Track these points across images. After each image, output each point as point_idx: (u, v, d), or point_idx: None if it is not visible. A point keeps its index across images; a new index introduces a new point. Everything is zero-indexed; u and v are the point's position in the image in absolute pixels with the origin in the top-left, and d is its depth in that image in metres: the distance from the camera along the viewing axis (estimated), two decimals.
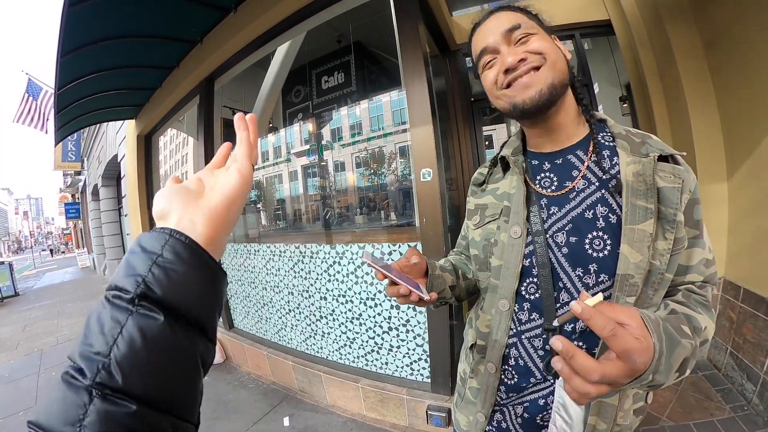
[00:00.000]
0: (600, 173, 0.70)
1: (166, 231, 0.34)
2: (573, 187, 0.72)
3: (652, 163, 0.65)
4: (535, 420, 0.75)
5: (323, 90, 4.27)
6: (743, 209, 2.34)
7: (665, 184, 0.64)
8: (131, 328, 0.29)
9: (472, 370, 0.84)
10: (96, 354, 0.28)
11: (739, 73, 2.22)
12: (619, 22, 3.14)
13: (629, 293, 0.63)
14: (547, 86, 0.66)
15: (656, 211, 0.63)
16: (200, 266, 0.34)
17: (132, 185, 5.58)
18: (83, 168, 12.87)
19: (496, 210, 0.80)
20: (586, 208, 0.70)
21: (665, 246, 0.63)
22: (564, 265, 0.70)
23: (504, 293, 0.76)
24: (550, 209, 0.73)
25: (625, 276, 0.63)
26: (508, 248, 0.75)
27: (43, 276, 15.78)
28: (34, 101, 8.98)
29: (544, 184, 0.76)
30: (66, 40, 2.63)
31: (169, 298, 0.31)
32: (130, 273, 0.31)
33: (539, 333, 0.73)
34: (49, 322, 6.49)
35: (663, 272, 0.63)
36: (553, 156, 0.77)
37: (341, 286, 2.61)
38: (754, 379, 2.14)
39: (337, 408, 2.66)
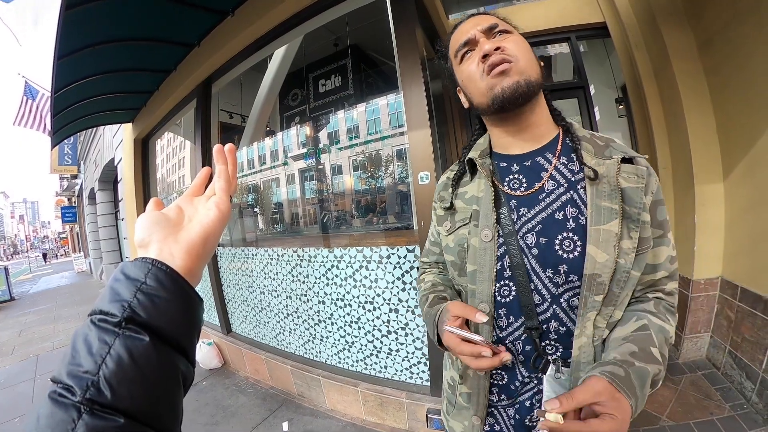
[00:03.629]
0: (568, 174, 0.72)
1: (148, 261, 0.36)
2: (542, 187, 0.73)
3: (615, 165, 0.67)
4: (524, 422, 0.77)
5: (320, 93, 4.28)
6: (739, 208, 2.35)
7: (628, 185, 0.67)
8: (119, 347, 0.31)
9: (461, 376, 0.84)
10: (85, 372, 0.29)
11: (734, 74, 2.23)
12: (615, 24, 3.16)
13: (597, 292, 0.65)
14: (524, 79, 0.69)
15: (621, 211, 0.65)
16: (181, 294, 0.36)
17: (129, 189, 5.56)
18: (80, 171, 12.82)
19: (465, 214, 0.80)
20: (555, 209, 0.71)
21: (630, 245, 0.65)
22: (535, 266, 0.71)
23: (482, 297, 0.76)
24: (519, 210, 0.74)
25: (593, 276, 0.65)
26: (480, 252, 0.75)
27: (39, 280, 15.68)
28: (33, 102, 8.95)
29: (513, 185, 0.77)
30: (63, 43, 2.62)
31: (154, 321, 0.33)
32: (116, 299, 0.33)
33: (520, 335, 0.74)
34: (45, 327, 6.45)
35: (629, 270, 0.66)
36: (522, 158, 0.78)
37: (339, 289, 2.60)
38: (753, 377, 2.15)
39: (336, 412, 2.65)
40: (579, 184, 0.71)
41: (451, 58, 0.82)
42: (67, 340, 5.41)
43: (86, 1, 2.37)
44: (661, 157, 2.86)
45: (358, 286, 2.49)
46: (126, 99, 4.35)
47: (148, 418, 0.31)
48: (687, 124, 2.51)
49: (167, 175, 5.67)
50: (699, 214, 2.52)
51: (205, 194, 0.49)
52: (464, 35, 0.76)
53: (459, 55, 0.77)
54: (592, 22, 3.32)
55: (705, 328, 2.61)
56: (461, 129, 3.60)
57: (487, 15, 0.79)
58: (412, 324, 2.31)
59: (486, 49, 0.70)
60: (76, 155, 12.39)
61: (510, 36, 0.74)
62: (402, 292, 2.31)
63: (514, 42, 0.72)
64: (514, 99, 0.69)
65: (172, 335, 0.34)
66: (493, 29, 0.74)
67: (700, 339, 2.63)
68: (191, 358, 0.37)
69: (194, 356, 0.38)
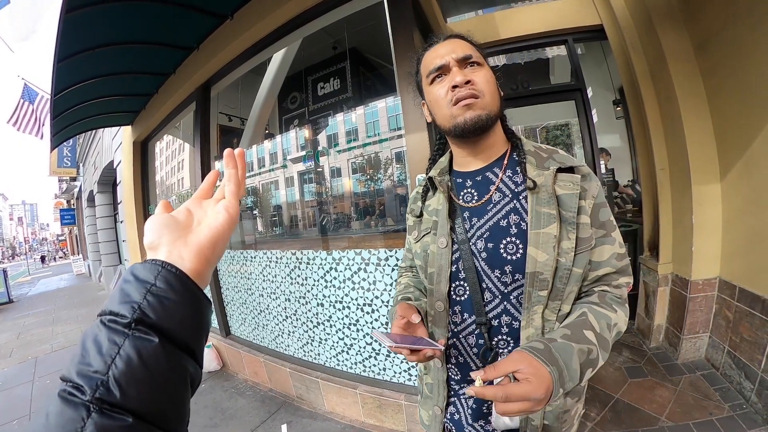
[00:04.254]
0: (512, 186, 0.81)
1: (158, 263, 0.37)
2: (489, 198, 0.83)
3: (552, 175, 0.76)
4: (482, 409, 0.84)
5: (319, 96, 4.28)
6: (736, 209, 2.36)
7: (563, 192, 0.76)
8: (128, 348, 0.31)
9: (425, 366, 0.93)
10: (95, 372, 0.30)
11: (730, 75, 2.25)
12: (612, 27, 3.18)
13: (541, 287, 0.73)
14: (486, 114, 0.77)
15: (558, 216, 0.74)
16: (190, 296, 0.37)
17: (128, 192, 5.56)
18: (79, 174, 12.81)
19: (428, 224, 0.89)
20: (501, 217, 0.80)
21: (569, 245, 0.73)
22: (485, 268, 0.80)
23: (438, 296, 0.85)
24: (472, 220, 0.83)
25: (534, 273, 0.73)
26: (437, 257, 0.85)
27: (38, 283, 15.67)
28: (30, 105, 8.94)
29: (466, 198, 0.87)
30: (62, 46, 2.63)
31: (163, 323, 0.34)
32: (126, 300, 0.34)
33: (472, 330, 0.83)
34: (44, 329, 6.44)
35: (570, 268, 0.74)
36: (474, 174, 0.87)
37: (338, 292, 2.61)
38: (752, 377, 2.16)
39: (335, 414, 2.65)
40: (521, 195, 0.79)
41: (422, 74, 0.87)
42: (66, 342, 5.41)
43: (86, 5, 2.39)
44: (659, 159, 2.87)
45: (357, 288, 2.50)
46: (125, 102, 4.36)
47: (156, 418, 0.31)
48: (684, 126, 2.53)
49: (166, 178, 5.68)
50: (696, 214, 2.53)
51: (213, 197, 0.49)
52: (439, 59, 0.80)
53: (431, 77, 0.82)
54: (590, 24, 3.33)
55: (703, 328, 2.61)
56: None
57: (463, 41, 0.83)
58: None
59: (457, 81, 0.76)
60: (76, 157, 12.40)
61: (481, 70, 0.80)
62: None
63: (483, 77, 0.78)
64: (474, 130, 0.78)
65: (181, 337, 0.35)
66: (467, 60, 0.79)
67: (698, 339, 2.64)
68: (199, 359, 0.38)
69: (202, 358, 0.39)
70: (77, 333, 5.85)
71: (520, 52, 3.73)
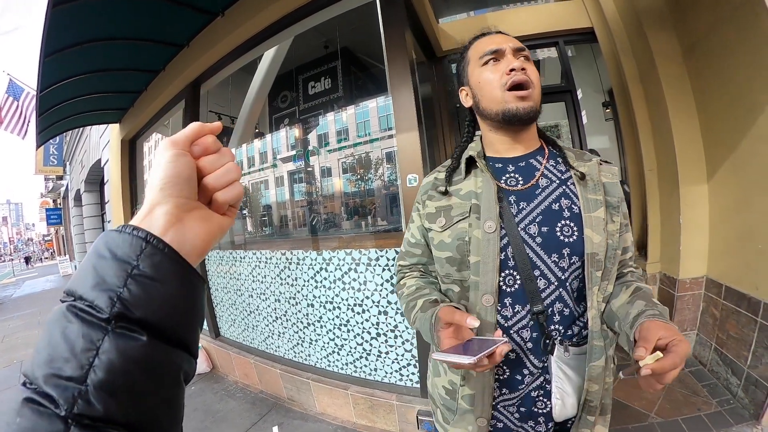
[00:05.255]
0: (558, 174, 0.83)
1: (141, 236, 0.29)
2: (536, 183, 0.82)
3: (596, 166, 0.82)
4: (532, 409, 0.80)
5: (310, 95, 4.26)
6: (723, 209, 2.40)
7: (608, 180, 0.81)
8: (109, 349, 0.25)
9: (463, 377, 0.83)
10: (68, 380, 0.24)
11: (718, 78, 2.28)
12: (602, 29, 3.21)
13: (597, 268, 0.76)
14: (537, 105, 0.80)
15: (604, 201, 0.78)
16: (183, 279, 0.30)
17: (115, 191, 5.48)
18: (65, 172, 12.61)
19: (464, 209, 0.82)
20: (552, 201, 0.80)
21: (614, 228, 0.78)
22: (540, 253, 0.77)
23: (486, 288, 0.78)
24: (519, 204, 0.80)
25: (593, 254, 0.75)
26: (483, 244, 0.78)
27: (23, 284, 15.36)
28: (15, 101, 8.76)
29: (510, 182, 0.84)
30: (50, 40, 2.57)
31: (151, 317, 0.28)
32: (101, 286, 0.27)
33: (526, 323, 0.77)
34: (29, 332, 6.30)
35: (616, 249, 0.78)
36: (516, 160, 0.86)
37: (328, 292, 2.59)
38: (739, 373, 2.20)
39: (326, 416, 2.63)
40: (568, 182, 0.81)
41: (469, 57, 0.88)
42: None
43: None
44: (647, 160, 2.90)
45: (347, 288, 2.48)
46: (113, 99, 4.29)
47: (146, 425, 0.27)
48: (672, 127, 2.56)
49: None
50: (684, 214, 2.56)
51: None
52: (495, 44, 0.82)
53: (484, 59, 0.83)
54: (580, 27, 3.36)
55: (691, 326, 2.65)
56: (450, 132, 3.62)
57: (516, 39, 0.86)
58: (402, 326, 2.31)
59: (515, 65, 0.78)
60: (62, 156, 12.19)
61: (532, 65, 0.82)
62: (391, 295, 2.31)
63: (534, 71, 0.80)
64: (524, 120, 0.80)
65: (173, 331, 0.29)
66: (521, 52, 0.82)
67: (686, 337, 2.65)
68: (194, 351, 0.32)
69: (197, 348, 0.33)
70: None
71: None
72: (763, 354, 2.03)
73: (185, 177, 0.34)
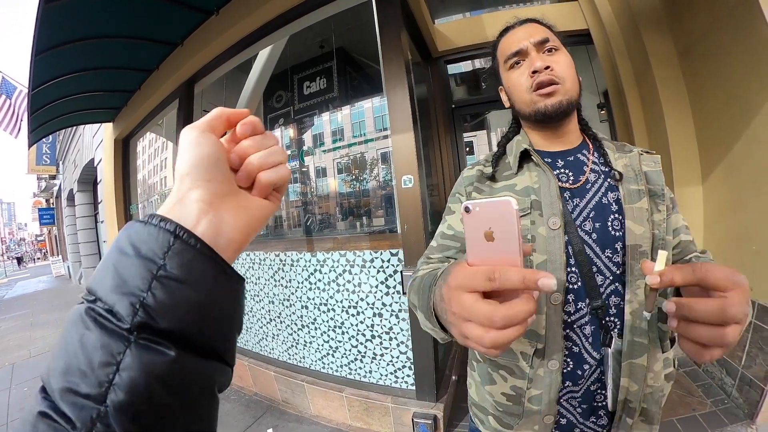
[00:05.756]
0: (603, 167, 0.80)
1: (169, 229, 0.25)
2: (587, 179, 0.79)
3: (637, 155, 0.79)
4: (592, 403, 0.78)
5: (305, 95, 4.23)
6: (718, 209, 2.41)
7: (649, 169, 0.78)
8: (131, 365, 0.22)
9: (530, 379, 0.78)
10: (86, 398, 0.21)
11: (713, 80, 2.29)
12: (598, 31, 3.21)
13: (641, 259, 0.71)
14: (566, 99, 0.76)
15: (647, 191, 0.75)
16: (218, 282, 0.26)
17: (108, 191, 5.43)
18: (58, 172, 12.49)
19: (524, 205, 0.78)
20: (601, 195, 0.78)
21: (660, 217, 0.74)
22: (596, 249, 0.75)
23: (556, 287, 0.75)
24: (573, 201, 0.78)
25: (634, 246, 0.72)
26: (549, 241, 0.75)
27: (15, 285, 15.20)
28: (8, 99, 8.67)
29: (561, 178, 0.80)
30: (41, 37, 2.54)
31: (180, 327, 0.24)
32: (122, 289, 0.23)
33: (587, 319, 0.76)
34: (22, 333, 6.23)
35: (663, 237, 0.74)
36: (565, 154, 0.83)
37: (323, 294, 2.57)
38: (733, 373, 2.21)
39: (321, 418, 2.62)
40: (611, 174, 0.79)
41: (498, 60, 0.86)
42: (44, 347, 5.23)
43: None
44: None
45: (342, 290, 2.47)
46: (106, 98, 4.25)
47: None
48: (667, 128, 2.57)
49: (148, 177, 5.55)
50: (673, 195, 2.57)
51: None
52: (516, 44, 0.80)
53: (509, 62, 0.82)
54: (576, 28, 3.36)
55: None
56: (445, 133, 3.61)
57: (539, 26, 0.83)
58: (396, 328, 2.30)
59: (537, 66, 0.76)
60: (55, 155, 12.08)
61: (560, 54, 0.79)
62: (385, 297, 2.29)
63: (563, 62, 0.78)
64: (556, 116, 0.78)
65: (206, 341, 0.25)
66: (544, 43, 0.78)
67: None
68: (230, 360, 0.28)
69: (234, 356, 0.28)
70: (56, 337, 5.66)
71: None
72: (758, 354, 2.04)
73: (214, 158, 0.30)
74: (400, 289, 2.22)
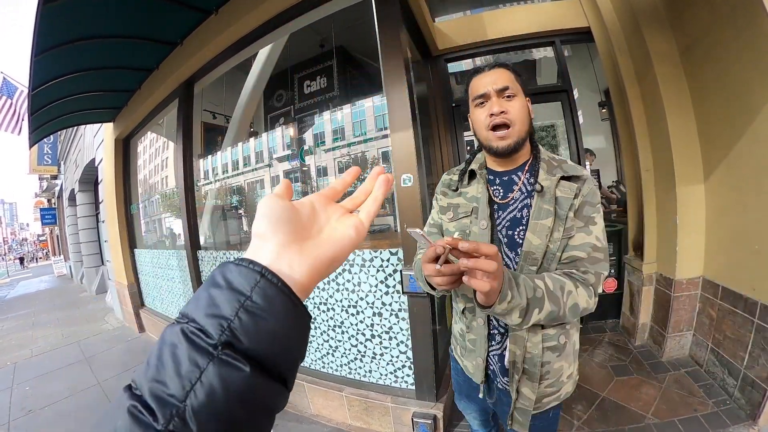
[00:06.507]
0: (529, 187, 1.02)
1: (257, 269, 0.31)
2: (512, 198, 1.03)
3: (556, 181, 0.97)
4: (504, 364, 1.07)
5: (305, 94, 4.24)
6: (720, 209, 2.40)
7: (562, 195, 0.96)
8: (212, 375, 0.26)
9: (467, 326, 1.13)
10: (170, 396, 0.26)
11: (714, 79, 2.28)
12: (599, 29, 3.20)
13: (531, 264, 0.96)
14: (515, 141, 0.98)
15: (555, 212, 0.95)
16: (291, 315, 0.31)
17: (109, 190, 5.44)
18: (60, 172, 12.49)
19: (467, 209, 1.08)
20: (517, 211, 1.01)
21: (558, 235, 0.94)
22: (506, 250, 1.02)
23: None
24: (498, 212, 1.04)
25: (528, 252, 0.96)
26: (479, 236, 1.02)
27: (17, 285, 15.24)
28: (9, 99, 8.68)
29: (495, 193, 1.07)
30: (41, 38, 2.53)
31: (257, 349, 0.29)
32: (214, 313, 0.29)
33: None
34: (23, 333, 6.23)
35: (555, 252, 0.95)
36: (503, 174, 1.08)
37: (322, 293, 2.57)
38: (735, 373, 2.19)
39: (321, 418, 2.61)
40: (533, 193, 0.99)
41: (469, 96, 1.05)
42: (46, 347, 5.24)
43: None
44: (643, 160, 2.90)
45: (341, 290, 2.46)
46: (106, 98, 4.25)
47: None
48: (668, 128, 2.55)
49: (149, 177, 5.56)
50: (680, 215, 2.56)
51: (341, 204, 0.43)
52: (482, 88, 0.99)
53: (476, 102, 1.02)
54: (577, 26, 3.35)
55: (687, 326, 2.64)
56: (445, 132, 3.60)
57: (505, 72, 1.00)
58: (396, 328, 2.29)
59: (494, 111, 0.96)
60: (56, 155, 12.08)
61: (516, 100, 0.98)
62: (385, 296, 2.29)
63: (516, 107, 0.97)
64: (506, 154, 1.01)
65: (275, 365, 0.30)
66: (504, 91, 0.97)
67: (683, 337, 2.67)
68: (290, 386, 0.33)
69: (293, 382, 0.33)
70: (58, 337, 5.67)
71: (507, 52, 3.74)
72: (760, 355, 2.03)
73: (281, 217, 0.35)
74: (399, 289, 2.21)
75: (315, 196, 0.42)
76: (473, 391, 1.21)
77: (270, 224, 0.35)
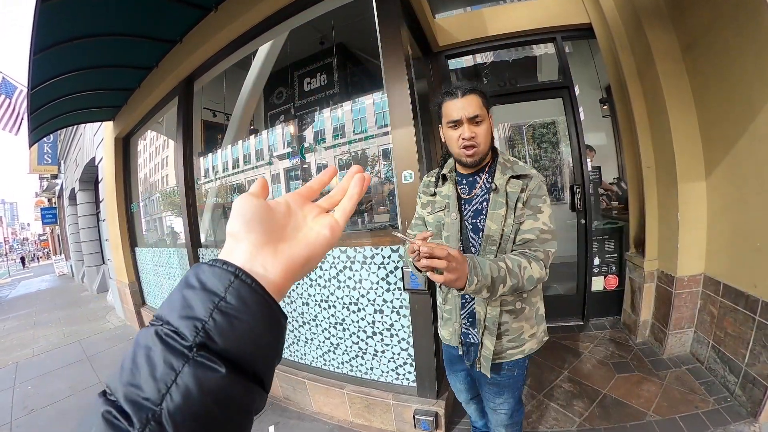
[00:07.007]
0: (487, 185, 1.30)
1: (230, 270, 0.31)
2: (475, 194, 1.32)
3: (506, 179, 1.24)
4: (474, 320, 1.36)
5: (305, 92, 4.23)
6: (721, 206, 2.39)
7: (511, 190, 1.23)
8: (187, 377, 0.26)
9: (444, 298, 1.45)
10: (145, 400, 0.26)
11: (716, 76, 2.27)
12: (600, 25, 3.18)
13: (491, 244, 1.23)
14: (480, 156, 1.25)
15: (506, 204, 1.22)
16: (266, 316, 0.31)
17: (110, 189, 5.44)
18: (60, 171, 12.47)
19: (442, 204, 1.38)
20: (479, 204, 1.30)
21: (510, 221, 1.22)
22: (471, 234, 1.31)
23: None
24: (465, 206, 1.34)
25: (488, 236, 1.24)
26: (451, 226, 1.32)
27: (19, 285, 15.26)
28: (8, 99, 8.66)
29: (462, 191, 1.36)
30: (39, 37, 2.52)
31: (232, 350, 0.28)
32: (188, 314, 0.29)
33: None
34: (25, 333, 6.24)
35: (509, 235, 1.22)
36: (468, 176, 1.35)
37: (323, 291, 2.56)
38: (736, 371, 2.19)
39: (322, 415, 2.62)
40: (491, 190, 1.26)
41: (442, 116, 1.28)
42: (48, 346, 5.24)
43: None
44: (645, 157, 2.89)
45: (342, 287, 2.46)
46: (106, 96, 4.24)
47: None
48: (670, 125, 2.54)
49: (150, 175, 5.55)
50: (682, 212, 2.55)
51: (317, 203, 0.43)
52: (456, 114, 1.22)
53: (449, 124, 1.25)
54: (578, 23, 3.33)
55: (688, 323, 2.64)
56: None
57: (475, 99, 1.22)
58: (398, 325, 2.29)
59: (465, 136, 1.21)
60: (57, 154, 12.07)
61: (483, 125, 1.23)
62: (386, 293, 2.28)
63: (483, 131, 1.23)
64: (473, 166, 1.29)
65: (251, 365, 0.30)
66: (475, 118, 1.21)
67: (684, 334, 2.67)
68: (267, 387, 0.33)
69: (271, 384, 0.33)
70: (59, 336, 5.68)
71: (508, 49, 3.72)
72: (761, 352, 2.03)
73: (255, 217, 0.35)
74: (401, 286, 2.21)
75: (291, 195, 0.42)
76: (456, 362, 1.53)
77: (244, 224, 0.35)
